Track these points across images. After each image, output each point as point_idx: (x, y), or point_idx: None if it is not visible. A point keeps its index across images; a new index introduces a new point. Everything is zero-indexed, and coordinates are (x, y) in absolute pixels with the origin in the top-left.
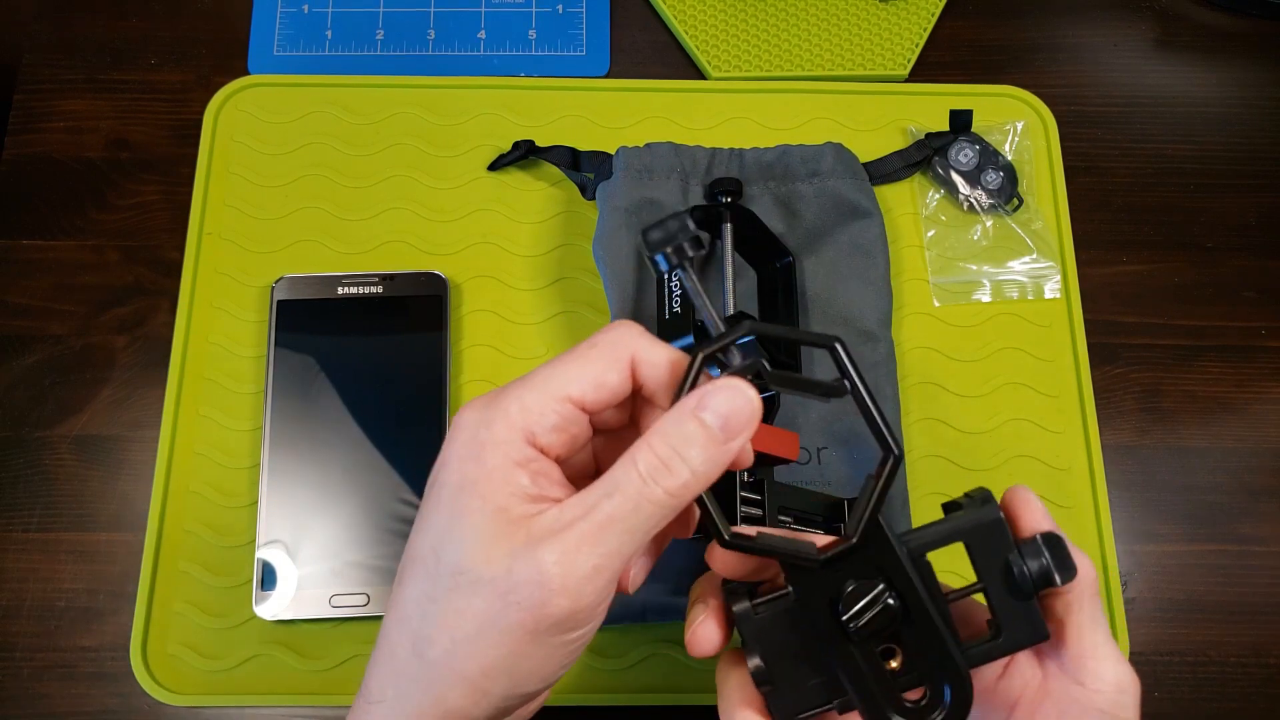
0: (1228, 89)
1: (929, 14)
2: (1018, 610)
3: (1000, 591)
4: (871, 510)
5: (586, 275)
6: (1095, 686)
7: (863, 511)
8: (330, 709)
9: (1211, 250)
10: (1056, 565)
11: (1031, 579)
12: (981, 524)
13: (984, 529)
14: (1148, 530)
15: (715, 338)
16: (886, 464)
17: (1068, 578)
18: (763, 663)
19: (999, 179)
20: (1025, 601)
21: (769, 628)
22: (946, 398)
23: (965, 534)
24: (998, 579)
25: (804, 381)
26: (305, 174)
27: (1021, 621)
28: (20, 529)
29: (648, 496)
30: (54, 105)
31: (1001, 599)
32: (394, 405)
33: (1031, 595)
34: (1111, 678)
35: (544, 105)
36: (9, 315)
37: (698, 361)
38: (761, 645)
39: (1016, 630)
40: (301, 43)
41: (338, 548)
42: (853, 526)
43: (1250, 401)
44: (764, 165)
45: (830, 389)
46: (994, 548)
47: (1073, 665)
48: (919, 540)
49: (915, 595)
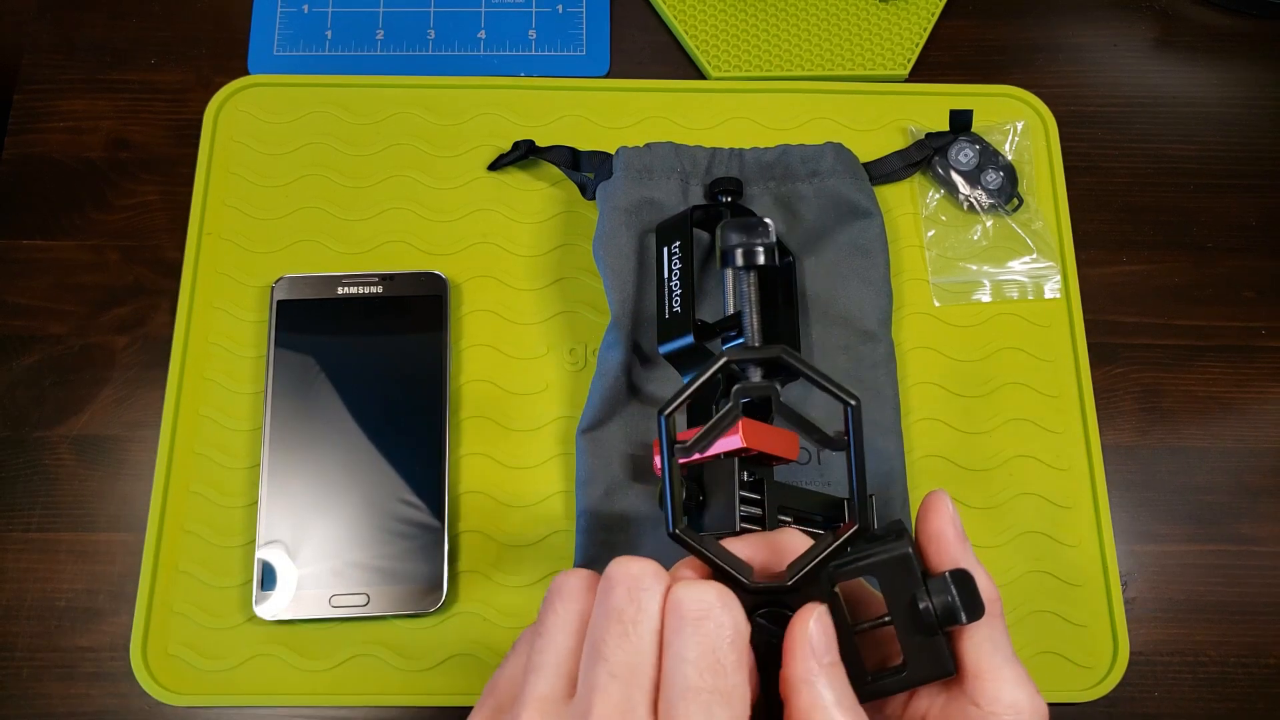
0: (1228, 89)
1: (929, 14)
2: (923, 645)
3: (905, 626)
4: (815, 565)
5: (586, 275)
6: (991, 709)
7: (807, 563)
8: (330, 709)
9: (1211, 250)
10: (963, 603)
11: (936, 615)
12: (890, 559)
13: (892, 564)
14: (1148, 530)
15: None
16: (849, 531)
17: (974, 616)
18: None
19: (999, 179)
20: (929, 637)
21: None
22: (946, 398)
23: (875, 569)
24: (903, 614)
25: (808, 424)
26: (305, 174)
27: (926, 656)
28: (20, 529)
29: None
30: (54, 105)
31: (907, 633)
32: (394, 405)
33: (935, 631)
34: (1008, 700)
35: (544, 105)
36: (9, 315)
37: (718, 364)
38: None
39: (920, 665)
40: (301, 43)
41: (338, 548)
42: (791, 572)
43: (1250, 401)
44: (764, 165)
45: (829, 440)
46: (902, 583)
47: (971, 686)
48: (832, 574)
49: None
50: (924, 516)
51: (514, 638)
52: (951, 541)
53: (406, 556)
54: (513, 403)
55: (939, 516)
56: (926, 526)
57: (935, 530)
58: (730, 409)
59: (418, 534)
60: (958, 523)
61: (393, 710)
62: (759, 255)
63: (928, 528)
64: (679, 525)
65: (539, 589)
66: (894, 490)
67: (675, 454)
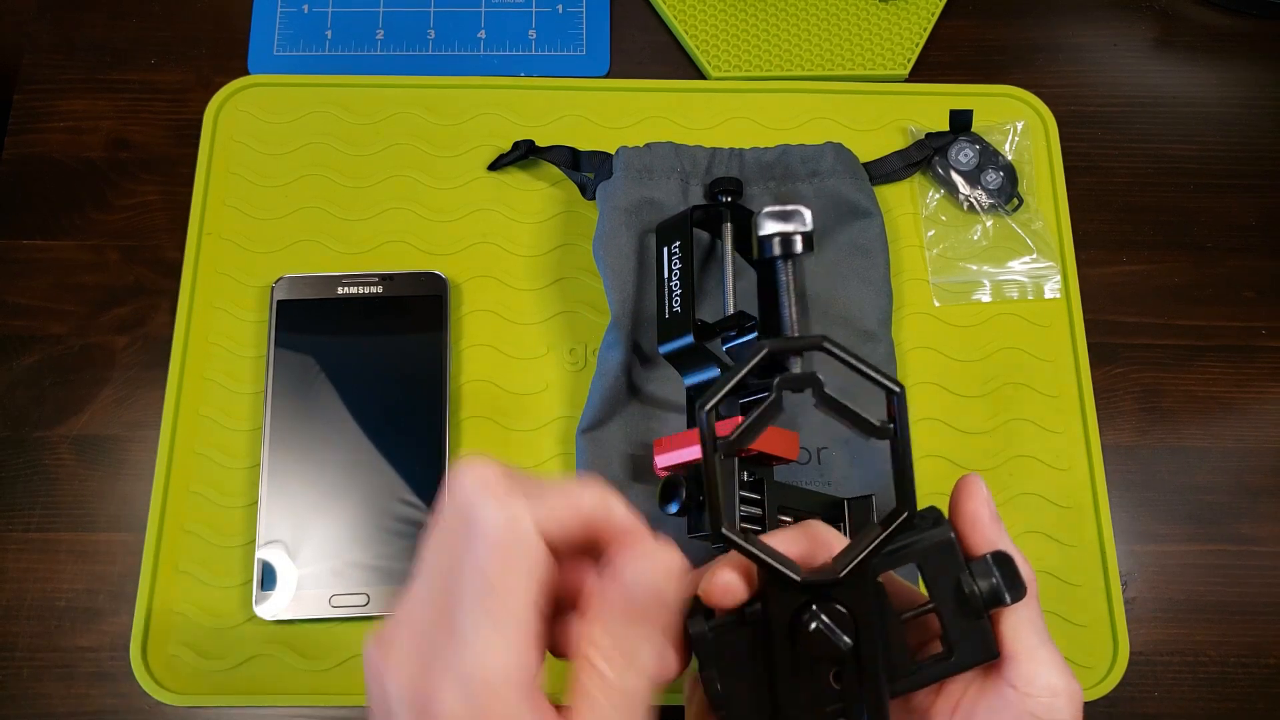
0: (1228, 89)
1: (929, 14)
2: (969, 629)
3: (951, 611)
4: (866, 556)
5: (586, 275)
6: (1027, 690)
7: (857, 554)
8: (330, 709)
9: (1211, 250)
10: (1006, 585)
11: (982, 598)
12: (933, 545)
13: (935, 550)
14: (1148, 530)
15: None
16: (898, 518)
17: (1017, 596)
18: (718, 684)
19: (999, 179)
20: (976, 620)
21: (723, 648)
22: (946, 398)
23: (918, 555)
24: (949, 599)
25: (853, 413)
26: (305, 174)
27: (973, 640)
28: (20, 529)
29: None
30: (54, 105)
31: (953, 619)
32: (394, 405)
33: (982, 614)
34: (1044, 682)
35: (544, 105)
36: (9, 315)
37: (762, 353)
38: (717, 666)
39: (968, 649)
40: (301, 43)
41: (338, 548)
42: (842, 563)
43: (1250, 401)
44: (764, 165)
45: (874, 429)
46: (945, 568)
47: (1008, 669)
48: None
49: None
50: (959, 501)
51: None
52: (987, 524)
53: (406, 556)
54: (513, 403)
55: (974, 499)
56: (962, 510)
57: (971, 513)
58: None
59: (418, 534)
60: (992, 505)
61: None
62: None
63: (963, 511)
64: (726, 524)
65: None
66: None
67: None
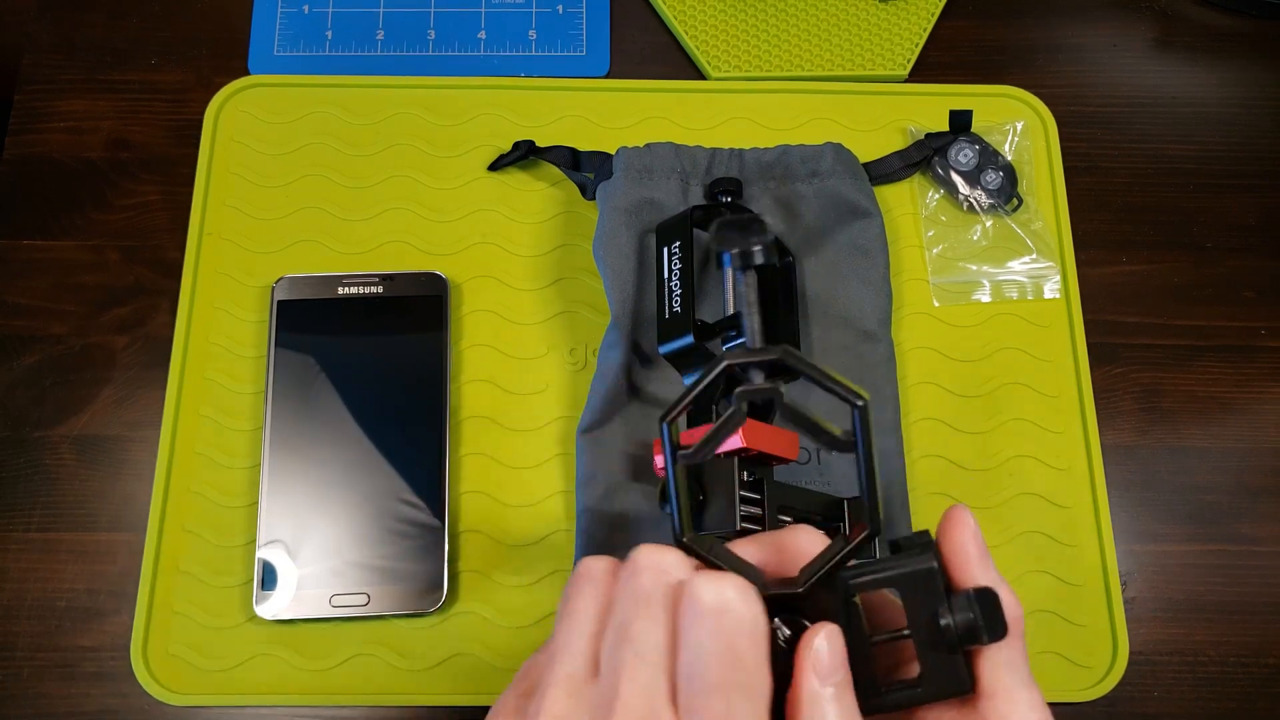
0: (1228, 89)
1: (929, 14)
2: (942, 661)
3: (925, 642)
4: (827, 571)
5: (586, 275)
6: None
7: (819, 568)
8: (330, 709)
9: (1211, 250)
10: (986, 624)
11: (956, 633)
12: (913, 572)
13: (916, 578)
14: (1148, 530)
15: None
16: (861, 535)
17: (996, 636)
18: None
19: (999, 179)
20: (949, 654)
21: None
22: (946, 398)
23: (897, 581)
24: (924, 629)
25: (814, 425)
26: (305, 174)
27: (944, 673)
28: (20, 529)
29: None
30: (54, 105)
31: (925, 649)
32: (394, 405)
33: (956, 649)
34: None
35: (544, 105)
36: (9, 315)
37: (719, 368)
38: None
39: (936, 681)
40: (301, 43)
41: (338, 548)
42: (803, 578)
43: (1250, 401)
44: (764, 165)
45: (837, 442)
46: (924, 598)
47: (984, 707)
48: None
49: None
50: (945, 531)
51: (514, 638)
52: (973, 557)
53: (406, 556)
54: (513, 403)
55: (961, 531)
56: (948, 541)
57: (957, 545)
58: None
59: (418, 534)
60: (980, 538)
61: (393, 710)
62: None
63: (949, 542)
64: (687, 533)
65: (539, 588)
66: (893, 491)
67: (680, 460)
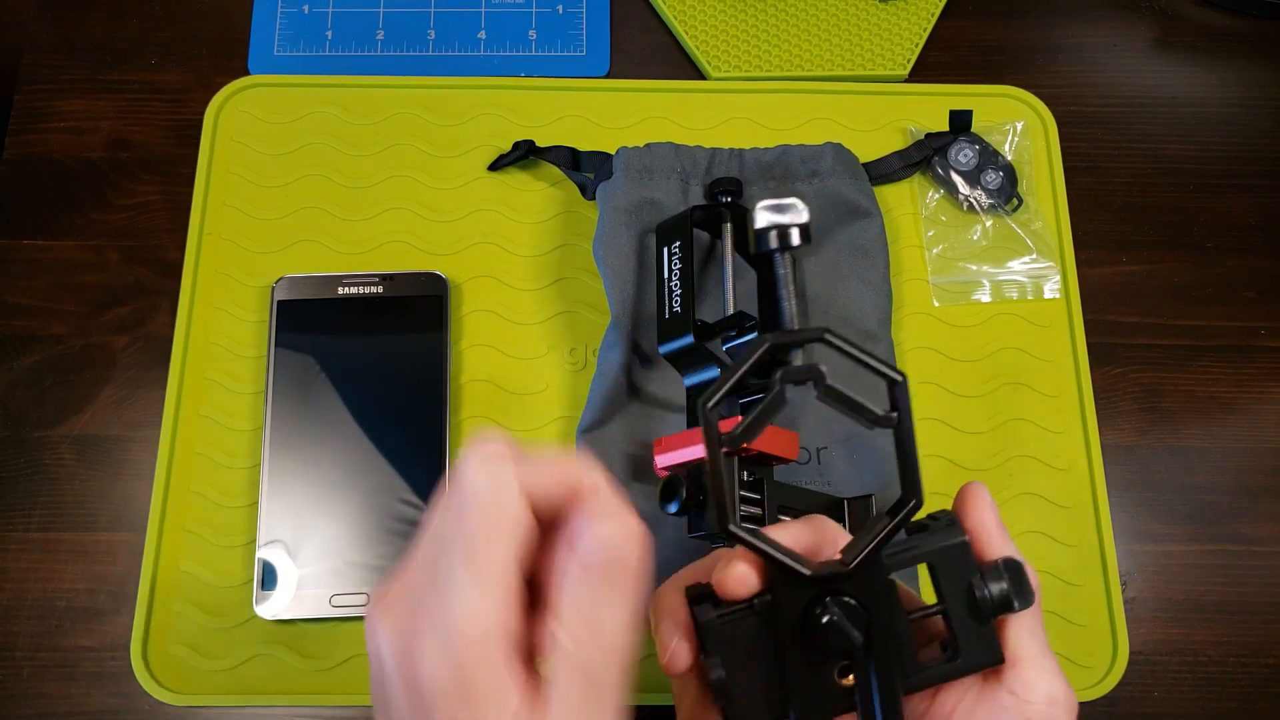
0: (1228, 89)
1: (929, 14)
2: (976, 633)
3: (961, 614)
4: (875, 545)
5: (586, 275)
6: (1026, 697)
7: (867, 545)
8: (330, 709)
9: (1211, 250)
10: (1016, 591)
11: (992, 603)
12: (947, 548)
13: (949, 552)
14: (1148, 530)
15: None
16: (905, 506)
17: (1025, 604)
18: (724, 674)
19: (999, 179)
20: (983, 625)
21: (729, 638)
22: (946, 398)
23: (931, 556)
24: (960, 602)
25: (857, 404)
26: (305, 174)
27: (979, 644)
28: (20, 529)
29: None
30: (54, 105)
31: (962, 621)
32: (394, 405)
33: (990, 619)
34: (1044, 689)
35: (544, 105)
36: (9, 315)
37: (763, 347)
38: (723, 655)
39: (974, 653)
40: (301, 43)
41: (338, 547)
42: (852, 554)
43: (1250, 401)
44: (764, 165)
45: (879, 419)
46: (958, 571)
47: (1008, 675)
48: (887, 562)
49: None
50: (965, 507)
51: None
52: (995, 531)
53: None
54: (513, 403)
55: (981, 506)
56: (969, 516)
57: (978, 520)
58: (777, 394)
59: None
60: (997, 512)
61: None
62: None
63: (971, 518)
64: (734, 521)
65: None
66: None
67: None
